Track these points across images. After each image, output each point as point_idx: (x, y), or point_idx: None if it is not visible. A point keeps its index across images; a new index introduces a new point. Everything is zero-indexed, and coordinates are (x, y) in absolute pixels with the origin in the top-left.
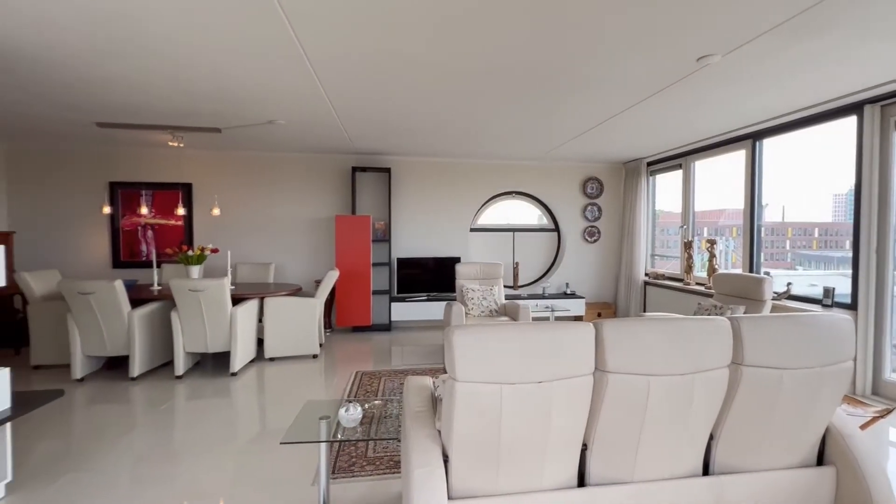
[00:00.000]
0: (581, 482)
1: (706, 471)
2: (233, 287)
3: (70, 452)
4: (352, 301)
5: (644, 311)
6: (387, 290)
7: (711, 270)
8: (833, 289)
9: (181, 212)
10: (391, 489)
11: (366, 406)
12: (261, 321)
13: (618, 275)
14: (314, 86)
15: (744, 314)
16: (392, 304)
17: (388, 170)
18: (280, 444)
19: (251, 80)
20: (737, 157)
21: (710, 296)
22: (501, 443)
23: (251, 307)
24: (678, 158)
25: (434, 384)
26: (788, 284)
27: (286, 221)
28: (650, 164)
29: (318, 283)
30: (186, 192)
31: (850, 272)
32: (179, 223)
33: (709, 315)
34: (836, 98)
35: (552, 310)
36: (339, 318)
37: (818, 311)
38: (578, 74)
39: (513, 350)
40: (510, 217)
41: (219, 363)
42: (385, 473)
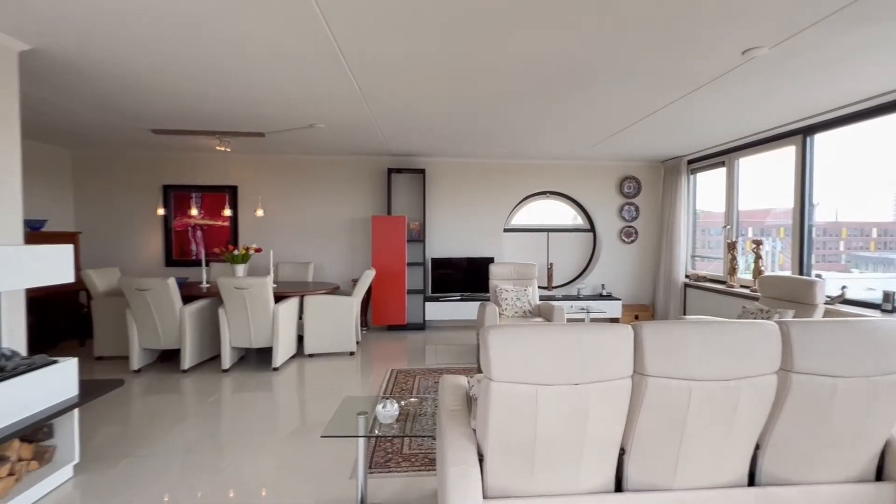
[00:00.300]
0: (619, 487)
1: (752, 481)
2: (275, 285)
3: (128, 438)
4: (387, 300)
5: (684, 314)
6: (421, 290)
7: (757, 272)
8: (894, 293)
9: (227, 213)
10: (425, 486)
11: (402, 403)
12: (301, 318)
13: (656, 276)
14: (352, 90)
15: (793, 318)
16: (426, 304)
17: (423, 171)
18: (320, 438)
19: (293, 87)
20: (785, 154)
21: (756, 299)
22: (537, 444)
23: (292, 305)
24: (721, 156)
25: (469, 383)
26: (843, 288)
27: (325, 222)
28: (691, 162)
29: (355, 282)
30: (232, 194)
31: None
32: (226, 224)
33: (755, 319)
34: None
35: (587, 311)
36: (375, 317)
37: (877, 317)
38: (617, 71)
39: (549, 351)
40: (544, 217)
41: (262, 358)
42: (420, 470)
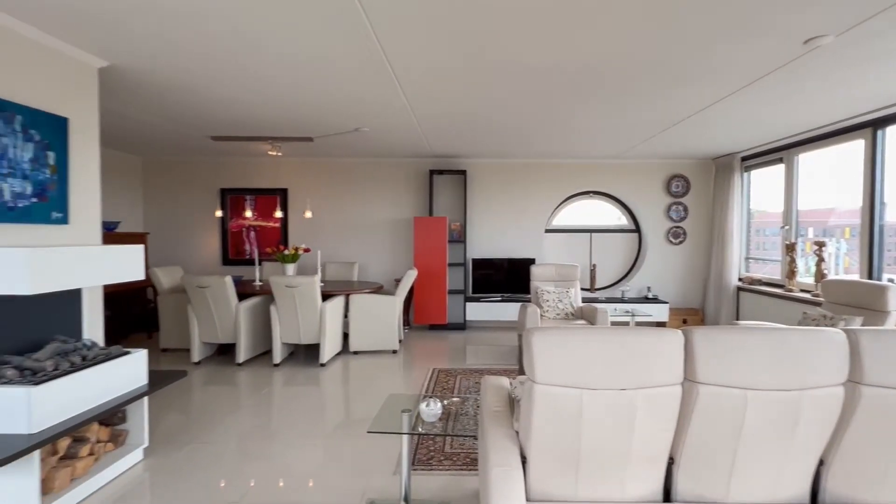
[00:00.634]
0: (667, 497)
1: (814, 499)
2: (322, 284)
3: (190, 425)
4: (429, 300)
5: (737, 320)
6: (462, 290)
7: (819, 276)
8: None
9: (278, 214)
10: (466, 485)
11: (445, 402)
12: (346, 317)
13: (706, 279)
14: (397, 94)
15: (862, 326)
16: (467, 304)
17: (464, 172)
18: (364, 433)
19: (341, 92)
20: (851, 148)
21: (818, 304)
22: (581, 449)
23: (338, 303)
24: (779, 152)
25: (511, 385)
26: None
27: (368, 222)
28: (745, 159)
29: (398, 282)
30: (283, 197)
31: None
32: (277, 225)
33: (817, 326)
34: None
35: (633, 314)
36: (417, 316)
37: None
38: (668, 65)
39: (594, 354)
40: (587, 218)
41: (310, 354)
42: (461, 469)
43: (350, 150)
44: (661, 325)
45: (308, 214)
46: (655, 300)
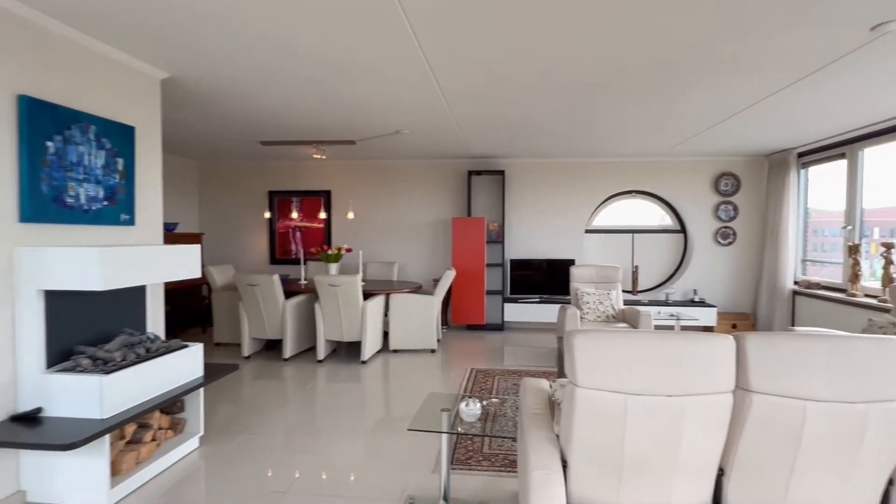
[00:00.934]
0: None
1: None
2: (363, 283)
3: (241, 417)
4: (467, 300)
5: (792, 325)
6: (500, 291)
7: (887, 280)
8: None
9: (322, 216)
10: (504, 487)
11: (484, 403)
12: (386, 315)
13: (758, 282)
14: (437, 97)
15: None
16: (505, 305)
17: (502, 172)
18: (403, 430)
19: (382, 97)
20: None
21: (887, 311)
22: (625, 455)
23: (379, 302)
24: (840, 147)
25: (551, 387)
26: None
27: (408, 223)
28: (801, 155)
29: (437, 282)
30: (326, 198)
31: None
32: (321, 225)
33: (885, 334)
34: None
35: (677, 318)
36: (455, 316)
37: None
38: (720, 55)
39: (639, 358)
40: (629, 218)
41: (351, 351)
42: (500, 471)
43: (390, 153)
44: (709, 330)
45: (350, 215)
46: (702, 303)
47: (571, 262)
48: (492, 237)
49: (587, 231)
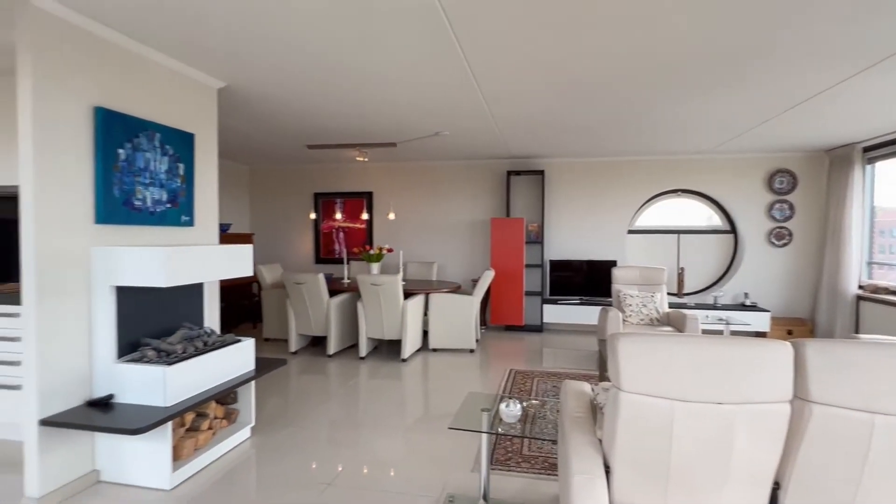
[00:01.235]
0: None
1: None
2: (403, 283)
3: (288, 410)
4: (505, 301)
5: (856, 333)
6: (539, 292)
7: None
8: None
9: (364, 216)
10: (544, 489)
11: (524, 404)
12: (426, 315)
13: (817, 286)
14: (476, 98)
15: None
16: (544, 306)
17: (542, 172)
18: (443, 428)
19: (423, 99)
20: None
21: None
22: (671, 464)
23: (419, 301)
24: None
25: (593, 391)
26: None
27: (447, 224)
28: (867, 150)
29: (475, 282)
30: (368, 200)
31: None
32: (363, 226)
33: None
34: None
35: (727, 323)
36: (494, 317)
37: None
38: (778, 45)
39: (687, 364)
40: (674, 217)
41: (392, 349)
42: (539, 473)
43: (430, 154)
44: (761, 336)
45: (391, 216)
46: (754, 308)
47: (613, 264)
48: (531, 237)
49: (630, 231)
